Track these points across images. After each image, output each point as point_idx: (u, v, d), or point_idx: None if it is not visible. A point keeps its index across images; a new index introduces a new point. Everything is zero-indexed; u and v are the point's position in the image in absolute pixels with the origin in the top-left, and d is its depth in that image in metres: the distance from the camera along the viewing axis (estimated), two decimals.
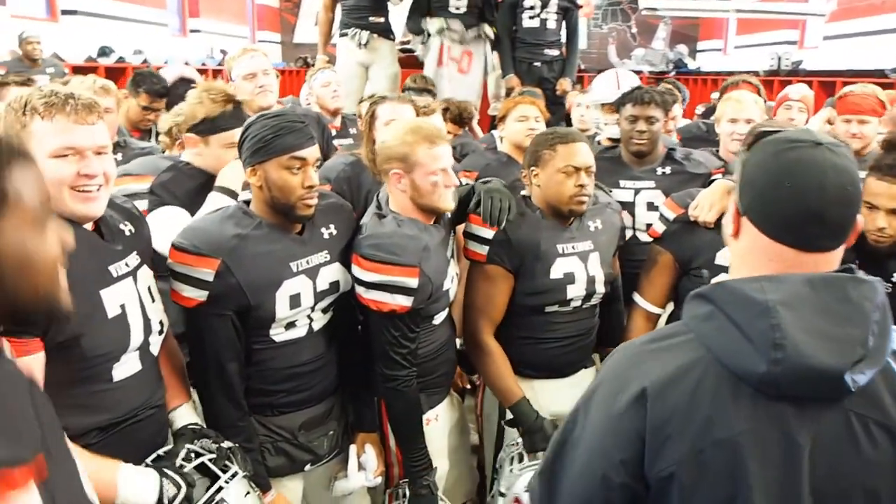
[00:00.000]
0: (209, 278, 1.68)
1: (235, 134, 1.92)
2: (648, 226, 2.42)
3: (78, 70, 6.83)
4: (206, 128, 2.13)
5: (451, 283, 2.09)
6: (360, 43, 4.66)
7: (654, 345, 1.02)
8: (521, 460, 2.03)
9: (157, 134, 3.63)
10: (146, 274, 1.65)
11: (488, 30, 4.82)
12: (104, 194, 1.50)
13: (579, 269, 2.15)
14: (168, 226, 1.87)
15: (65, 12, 8.41)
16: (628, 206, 2.62)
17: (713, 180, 2.45)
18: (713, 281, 2.06)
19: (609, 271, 2.24)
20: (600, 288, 2.21)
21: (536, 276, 2.11)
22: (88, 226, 1.52)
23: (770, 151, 0.99)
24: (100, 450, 1.45)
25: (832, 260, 0.98)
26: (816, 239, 0.97)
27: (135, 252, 1.61)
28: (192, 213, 2.00)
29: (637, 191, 2.65)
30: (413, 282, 1.86)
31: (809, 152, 0.96)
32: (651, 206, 2.58)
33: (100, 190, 1.47)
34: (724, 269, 2.05)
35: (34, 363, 1.30)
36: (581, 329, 2.24)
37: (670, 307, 2.31)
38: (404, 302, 1.87)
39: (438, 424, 2.17)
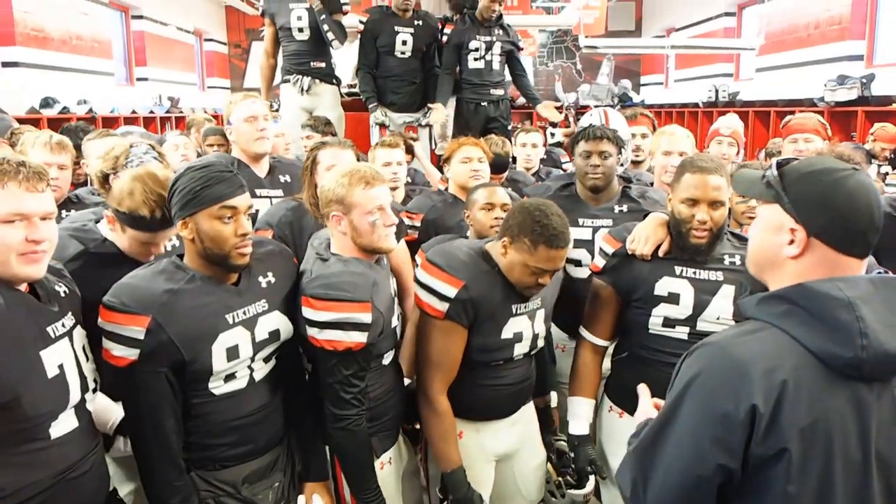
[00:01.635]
0: (140, 336, 1.66)
1: (155, 236, 1.97)
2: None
3: (21, 122, 6.71)
4: (125, 220, 1.95)
5: (398, 321, 2.11)
6: (301, 88, 4.69)
7: (743, 337, 1.15)
8: None
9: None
10: (81, 333, 1.67)
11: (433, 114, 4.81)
12: (47, 258, 1.55)
13: (527, 327, 2.17)
14: None
15: (5, 65, 8.28)
16: (586, 245, 2.65)
17: None
18: (653, 312, 2.13)
19: (549, 324, 2.28)
20: (542, 343, 2.27)
21: (488, 334, 2.11)
22: (23, 287, 1.54)
23: (830, 181, 1.15)
24: None
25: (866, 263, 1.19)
26: (870, 246, 1.16)
27: (70, 313, 1.64)
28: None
29: (596, 229, 2.67)
30: (367, 317, 1.86)
31: (859, 177, 1.16)
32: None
33: (44, 254, 1.52)
34: (663, 299, 2.12)
35: None
36: (522, 375, 2.27)
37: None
38: (359, 338, 1.87)
39: (392, 468, 2.15)
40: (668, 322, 2.14)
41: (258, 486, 1.90)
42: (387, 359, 2.10)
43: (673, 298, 2.12)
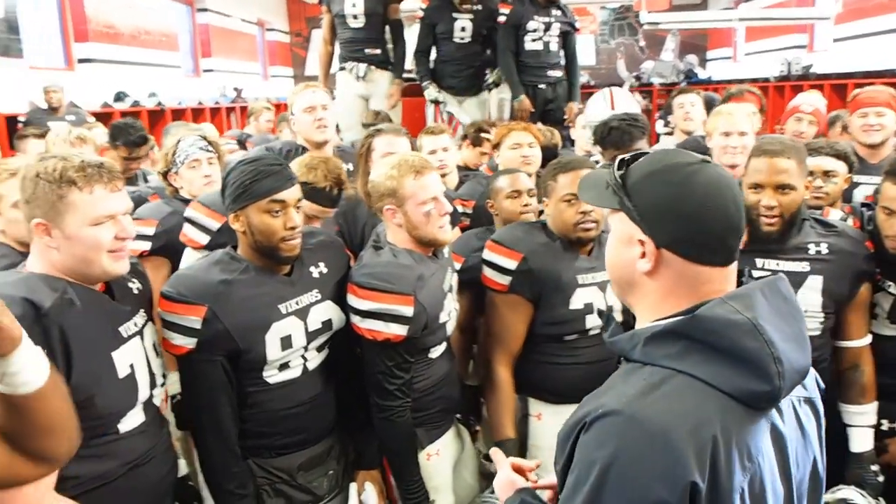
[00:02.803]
0: (197, 325, 1.71)
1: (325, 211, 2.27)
2: None
3: (96, 116, 6.99)
4: (306, 191, 2.08)
5: (449, 317, 2.09)
6: (357, 75, 4.71)
7: (649, 396, 0.91)
8: None
9: (146, 180, 3.70)
10: (151, 330, 1.72)
11: (484, 95, 4.88)
12: (128, 252, 1.60)
13: (598, 299, 2.14)
14: None
15: (81, 61, 8.62)
16: None
17: None
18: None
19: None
20: (618, 318, 2.17)
21: (556, 306, 2.12)
22: (97, 286, 1.58)
23: (676, 181, 0.96)
24: (109, 494, 1.53)
25: (736, 267, 1.00)
26: (734, 251, 0.98)
27: (142, 310, 1.69)
28: None
29: None
30: (408, 310, 1.86)
31: (710, 171, 0.97)
32: None
33: (127, 250, 1.59)
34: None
35: None
36: (602, 355, 2.16)
37: None
38: (399, 331, 1.88)
39: (440, 459, 2.15)
40: None
41: (313, 474, 1.93)
42: (434, 353, 2.09)
43: None
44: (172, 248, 2.39)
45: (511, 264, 2.13)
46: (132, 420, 1.59)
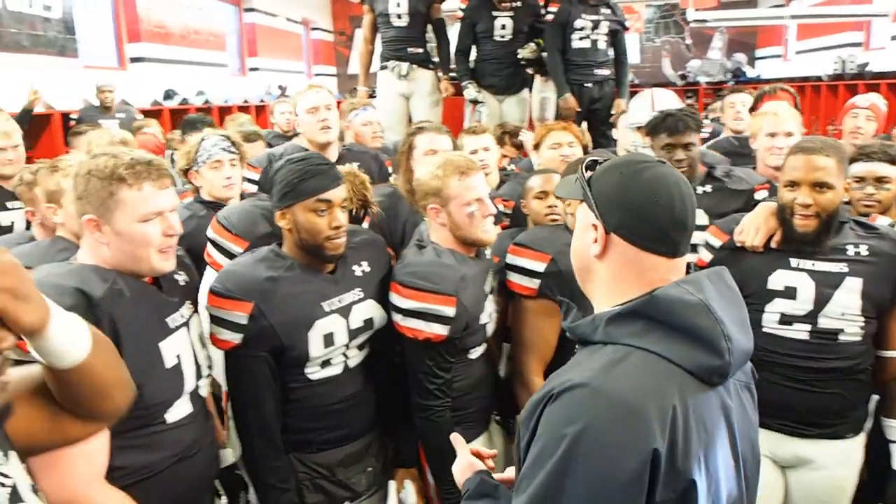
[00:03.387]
0: (243, 321, 1.74)
1: None
2: (693, 247, 2.36)
3: (146, 113, 7.17)
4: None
5: (489, 319, 2.09)
6: (399, 74, 4.73)
7: (613, 370, 0.97)
8: None
9: None
10: (198, 321, 1.75)
11: (525, 93, 4.92)
12: (175, 249, 1.64)
13: None
14: None
15: (132, 60, 8.85)
16: None
17: (757, 200, 2.39)
18: (767, 308, 2.01)
19: None
20: None
21: (587, 309, 2.06)
22: (146, 277, 1.61)
23: (627, 173, 1.07)
24: (156, 485, 1.56)
25: (685, 262, 1.10)
26: (681, 244, 1.07)
27: (188, 302, 1.72)
28: None
29: None
30: (450, 310, 1.88)
31: (661, 169, 1.07)
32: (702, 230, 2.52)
33: (175, 247, 1.62)
34: (778, 294, 1.99)
35: None
36: None
37: None
38: (440, 331, 1.89)
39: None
40: (785, 319, 1.99)
41: (352, 470, 1.95)
42: (474, 353, 2.09)
43: (789, 293, 1.97)
44: (195, 254, 2.34)
45: (539, 266, 2.08)
46: (179, 410, 1.62)
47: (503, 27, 4.74)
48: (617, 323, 1.03)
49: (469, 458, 1.34)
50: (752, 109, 3.62)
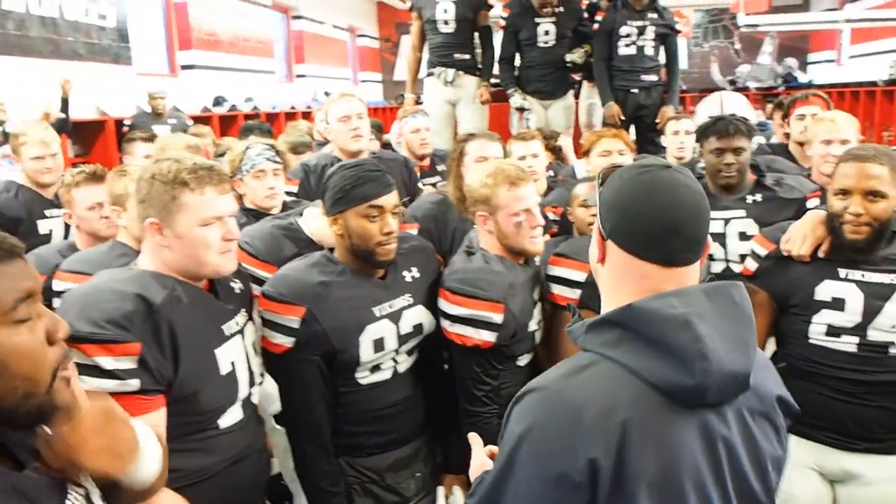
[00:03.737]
0: (295, 325, 1.76)
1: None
2: (742, 257, 2.31)
3: (196, 120, 7.33)
4: None
5: (538, 326, 2.08)
6: (445, 80, 4.75)
7: (575, 377, 0.97)
8: None
9: None
10: (252, 329, 1.77)
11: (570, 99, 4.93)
12: (235, 252, 1.66)
13: None
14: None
15: (183, 67, 9.06)
16: (718, 238, 2.52)
17: (809, 208, 2.33)
18: (814, 319, 1.97)
19: None
20: None
21: None
22: (202, 284, 1.64)
23: (626, 177, 1.03)
24: (209, 488, 1.57)
25: (693, 274, 1.02)
26: (678, 252, 1.00)
27: (243, 309, 1.74)
28: None
29: (727, 221, 2.53)
30: (498, 317, 1.88)
31: (661, 174, 1.02)
32: (743, 236, 2.47)
33: (233, 250, 1.64)
34: (825, 305, 1.94)
35: (157, 418, 1.43)
36: None
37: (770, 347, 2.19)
38: (488, 337, 1.89)
39: None
40: (833, 331, 1.94)
41: (401, 475, 1.95)
42: (521, 361, 2.08)
43: (837, 304, 1.92)
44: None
45: (580, 276, 2.02)
46: (232, 416, 1.63)
47: (546, 33, 4.73)
48: (595, 331, 1.01)
49: (483, 458, 1.34)
50: (785, 115, 3.56)
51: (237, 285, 1.76)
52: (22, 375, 0.87)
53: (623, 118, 4.64)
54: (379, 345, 1.84)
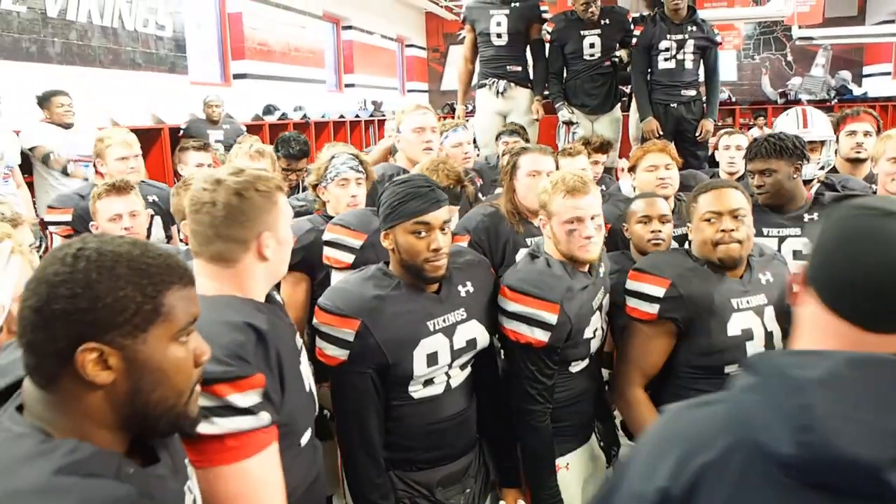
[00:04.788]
0: (350, 338, 1.78)
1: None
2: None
3: (247, 128, 7.49)
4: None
5: (594, 335, 2.10)
6: (497, 92, 4.78)
7: (697, 409, 0.94)
8: None
9: (304, 189, 3.92)
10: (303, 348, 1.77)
11: (618, 112, 4.92)
12: None
13: (756, 324, 2.04)
14: None
15: (236, 76, 9.26)
16: None
17: None
18: None
19: (786, 327, 2.10)
20: (779, 345, 2.08)
21: (713, 333, 2.02)
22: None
23: (835, 217, 0.91)
24: None
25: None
26: (879, 317, 0.85)
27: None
28: None
29: (782, 238, 2.50)
30: (552, 317, 1.93)
31: (876, 221, 0.86)
32: (798, 255, 2.43)
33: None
34: None
35: (276, 448, 1.36)
36: None
37: None
38: (541, 336, 1.95)
39: (570, 474, 2.16)
40: None
41: (451, 491, 1.95)
42: (575, 367, 2.11)
43: None
44: (310, 264, 2.46)
45: (659, 291, 2.05)
46: (307, 434, 1.57)
47: (592, 46, 4.73)
48: (742, 372, 0.93)
49: None
50: (835, 131, 3.48)
51: (280, 298, 1.75)
52: (176, 388, 0.98)
53: (661, 133, 4.61)
54: (432, 359, 1.85)
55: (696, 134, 4.69)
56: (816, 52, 12.19)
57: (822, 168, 2.96)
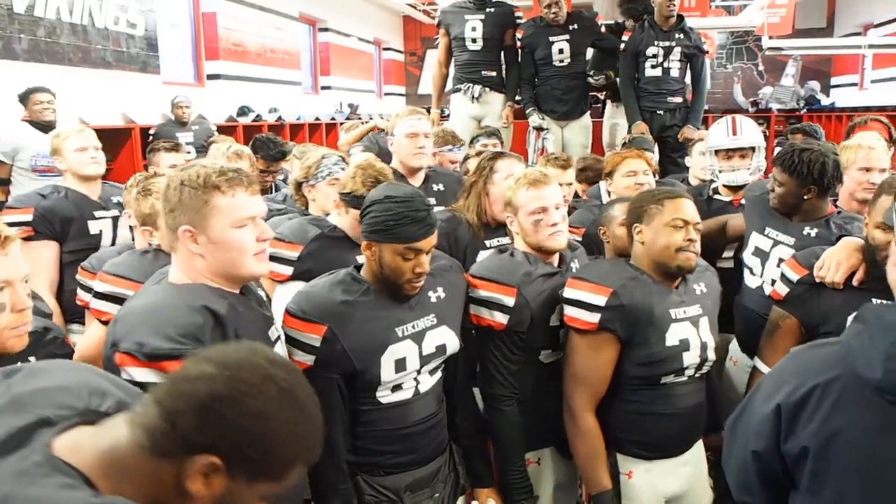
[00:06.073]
0: (316, 343, 1.76)
1: None
2: (775, 282, 2.30)
3: (221, 129, 7.41)
4: (348, 201, 2.33)
5: (562, 326, 2.11)
6: (472, 97, 4.79)
7: (812, 349, 1.22)
8: None
9: (277, 190, 3.90)
10: (281, 341, 1.78)
11: (587, 119, 4.98)
12: (268, 254, 1.65)
13: (692, 334, 2.03)
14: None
15: (210, 77, 9.17)
16: (761, 255, 2.54)
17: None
18: None
19: (716, 337, 2.12)
20: (712, 355, 2.09)
21: (652, 343, 1.99)
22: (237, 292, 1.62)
23: None
24: None
25: None
26: None
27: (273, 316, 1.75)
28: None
29: (775, 243, 2.51)
30: (510, 300, 2.04)
31: None
32: (781, 263, 2.44)
33: (267, 252, 1.63)
34: None
35: None
36: (696, 401, 2.10)
37: None
38: (501, 319, 2.06)
39: (541, 469, 2.19)
40: None
41: (420, 495, 1.94)
42: (545, 357, 2.16)
43: None
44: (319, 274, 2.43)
45: (600, 300, 1.98)
46: None
47: (561, 51, 4.77)
48: (852, 322, 1.16)
49: None
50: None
51: (262, 293, 1.77)
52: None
53: (650, 137, 4.65)
54: (400, 365, 1.84)
55: (680, 141, 4.73)
56: (787, 62, 12.39)
57: (752, 174, 3.00)
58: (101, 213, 3.11)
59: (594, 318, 1.99)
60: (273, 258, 2.29)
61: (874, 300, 1.89)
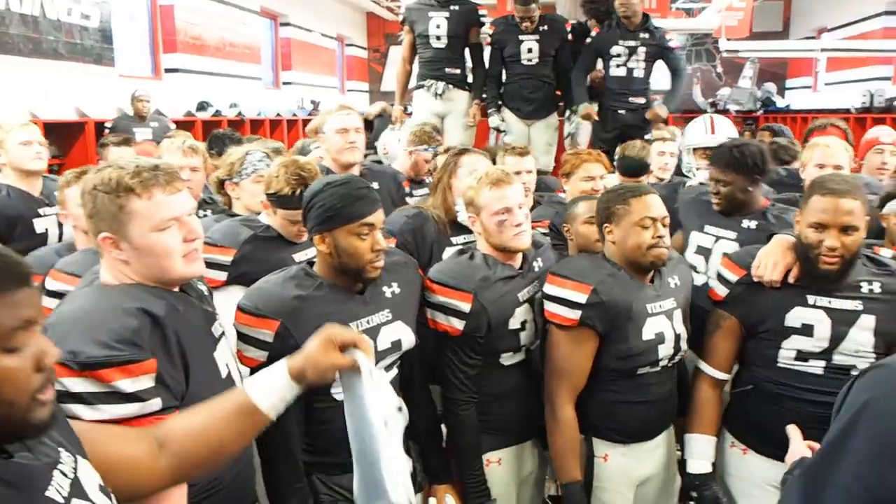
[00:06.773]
0: (269, 339, 1.74)
1: (296, 214, 2.13)
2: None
3: (179, 124, 7.28)
4: (274, 201, 2.30)
5: (524, 328, 2.13)
6: (435, 93, 4.78)
7: None
8: None
9: None
10: (231, 333, 1.75)
11: (554, 118, 4.99)
12: (201, 252, 1.56)
13: (667, 327, 2.08)
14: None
15: (167, 70, 8.99)
16: (705, 252, 2.59)
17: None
18: (783, 344, 2.00)
19: (688, 328, 2.17)
20: (684, 346, 2.15)
21: (629, 338, 2.03)
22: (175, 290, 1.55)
23: None
24: (221, 500, 1.55)
25: None
26: None
27: (215, 311, 1.70)
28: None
29: (717, 238, 2.58)
30: (466, 306, 2.01)
31: None
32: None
33: (199, 251, 1.54)
34: (795, 331, 1.98)
35: None
36: (668, 391, 2.16)
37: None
38: (457, 325, 2.03)
39: (501, 469, 2.17)
40: (802, 356, 1.99)
41: None
42: (506, 360, 2.14)
43: (806, 330, 1.97)
44: (255, 278, 2.26)
45: (581, 297, 2.01)
46: None
47: (529, 50, 4.77)
48: None
49: (802, 447, 1.41)
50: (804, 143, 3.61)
51: (203, 287, 1.71)
52: (5, 400, 0.90)
53: (597, 119, 4.73)
54: None
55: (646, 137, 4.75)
56: (744, 64, 12.63)
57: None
58: (45, 211, 3.03)
59: (575, 314, 2.03)
60: (205, 264, 2.24)
61: (809, 297, 1.97)
